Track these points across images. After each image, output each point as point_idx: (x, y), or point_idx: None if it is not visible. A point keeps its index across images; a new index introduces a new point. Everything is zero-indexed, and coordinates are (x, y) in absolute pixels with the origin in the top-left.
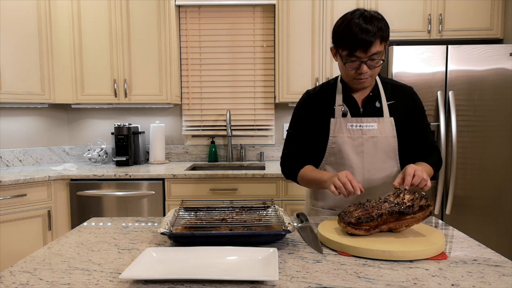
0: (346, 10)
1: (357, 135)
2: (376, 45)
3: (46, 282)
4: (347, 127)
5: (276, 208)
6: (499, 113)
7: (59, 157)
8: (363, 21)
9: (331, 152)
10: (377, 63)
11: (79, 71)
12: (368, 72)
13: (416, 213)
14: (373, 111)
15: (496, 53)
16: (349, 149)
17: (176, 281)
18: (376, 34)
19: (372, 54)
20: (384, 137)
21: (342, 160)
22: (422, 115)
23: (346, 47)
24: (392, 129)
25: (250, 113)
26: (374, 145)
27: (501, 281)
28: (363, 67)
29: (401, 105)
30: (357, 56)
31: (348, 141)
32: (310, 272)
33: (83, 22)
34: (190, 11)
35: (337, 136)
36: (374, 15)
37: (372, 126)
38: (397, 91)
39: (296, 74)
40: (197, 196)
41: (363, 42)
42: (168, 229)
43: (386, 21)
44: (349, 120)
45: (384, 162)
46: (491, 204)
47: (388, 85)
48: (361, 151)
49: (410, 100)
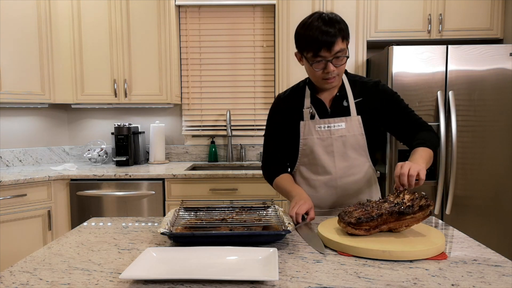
0: (346, 10)
1: (326, 135)
2: (339, 43)
3: (46, 282)
4: (315, 129)
5: (276, 208)
6: (499, 113)
7: (59, 157)
8: (322, 23)
9: (303, 153)
10: (342, 60)
11: (79, 71)
12: (335, 70)
13: (416, 213)
14: (340, 110)
15: (496, 53)
16: (319, 150)
17: (176, 281)
18: (336, 34)
19: (336, 52)
20: (352, 135)
21: (314, 160)
22: (396, 100)
23: (310, 49)
24: (359, 127)
25: (250, 113)
26: (343, 144)
27: (501, 281)
28: (329, 66)
29: (369, 101)
30: (322, 56)
31: (318, 142)
32: (310, 272)
33: (83, 22)
34: (190, 11)
35: (307, 138)
36: (332, 17)
37: (340, 126)
38: (364, 88)
39: (296, 74)
40: (197, 196)
41: (325, 42)
42: (168, 229)
43: (344, 22)
44: (317, 122)
45: (355, 159)
46: (491, 204)
47: (356, 83)
48: (331, 151)
49: (377, 93)
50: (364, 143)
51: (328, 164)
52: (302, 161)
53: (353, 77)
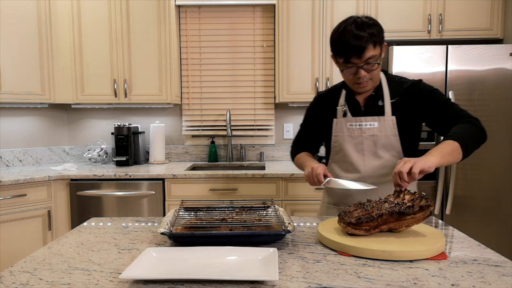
0: (346, 10)
1: (357, 134)
2: (370, 50)
3: (46, 282)
4: (347, 127)
5: (276, 208)
6: (499, 113)
7: (59, 157)
8: (354, 28)
9: (335, 150)
10: (373, 66)
11: (79, 71)
12: (367, 76)
13: (416, 213)
14: (374, 110)
15: (496, 53)
16: (349, 147)
17: (176, 281)
18: (368, 40)
19: (367, 58)
20: (384, 135)
21: (344, 158)
22: (434, 97)
23: (341, 55)
24: (393, 127)
25: (250, 113)
26: (374, 143)
27: (501, 281)
28: (360, 72)
29: (405, 102)
30: (352, 62)
31: (348, 140)
32: (310, 272)
33: (83, 22)
34: (190, 11)
35: (338, 136)
36: (366, 21)
37: (372, 125)
38: (401, 88)
39: (296, 74)
40: (197, 196)
41: (356, 49)
42: (168, 229)
43: (379, 26)
44: (349, 120)
45: (387, 160)
46: (491, 204)
47: (394, 83)
48: (361, 149)
49: (413, 93)
50: (398, 144)
51: (357, 162)
52: (333, 158)
53: (393, 77)
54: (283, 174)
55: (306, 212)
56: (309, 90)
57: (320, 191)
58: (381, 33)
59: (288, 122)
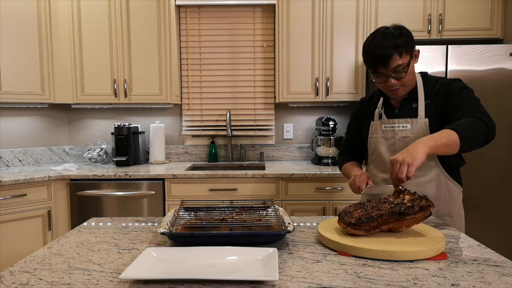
0: (346, 10)
1: (390, 135)
2: (395, 60)
3: (46, 282)
4: (381, 128)
5: (276, 208)
6: (499, 113)
7: (59, 157)
8: (381, 39)
9: (371, 151)
10: (401, 75)
11: (79, 71)
12: (397, 83)
13: (416, 213)
14: (408, 112)
15: (496, 53)
16: (382, 148)
17: (176, 281)
18: (393, 50)
19: (394, 68)
20: (416, 137)
21: (379, 158)
22: (458, 96)
23: (369, 65)
24: (425, 129)
25: (250, 113)
26: (406, 144)
27: (501, 281)
28: (389, 80)
29: (435, 103)
30: (380, 72)
31: (382, 141)
32: (310, 272)
33: (83, 22)
34: (190, 11)
35: (373, 137)
36: (392, 32)
37: (405, 127)
38: (433, 89)
39: (296, 74)
40: (197, 196)
41: (380, 59)
42: (168, 229)
43: (406, 35)
44: (383, 121)
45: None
46: (491, 204)
47: (428, 85)
48: (394, 150)
49: (441, 94)
50: None
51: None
52: (371, 159)
53: (431, 79)
54: (283, 174)
55: (306, 212)
56: (309, 90)
57: (320, 191)
58: (409, 42)
59: (288, 122)
